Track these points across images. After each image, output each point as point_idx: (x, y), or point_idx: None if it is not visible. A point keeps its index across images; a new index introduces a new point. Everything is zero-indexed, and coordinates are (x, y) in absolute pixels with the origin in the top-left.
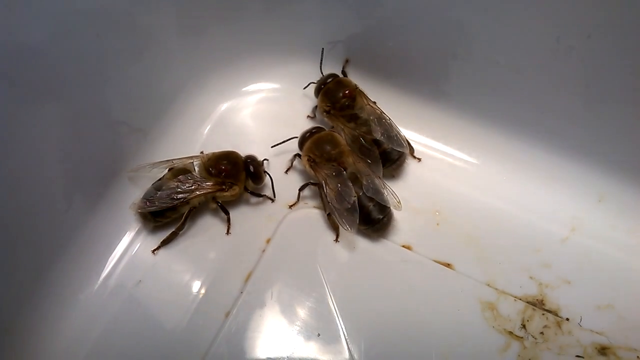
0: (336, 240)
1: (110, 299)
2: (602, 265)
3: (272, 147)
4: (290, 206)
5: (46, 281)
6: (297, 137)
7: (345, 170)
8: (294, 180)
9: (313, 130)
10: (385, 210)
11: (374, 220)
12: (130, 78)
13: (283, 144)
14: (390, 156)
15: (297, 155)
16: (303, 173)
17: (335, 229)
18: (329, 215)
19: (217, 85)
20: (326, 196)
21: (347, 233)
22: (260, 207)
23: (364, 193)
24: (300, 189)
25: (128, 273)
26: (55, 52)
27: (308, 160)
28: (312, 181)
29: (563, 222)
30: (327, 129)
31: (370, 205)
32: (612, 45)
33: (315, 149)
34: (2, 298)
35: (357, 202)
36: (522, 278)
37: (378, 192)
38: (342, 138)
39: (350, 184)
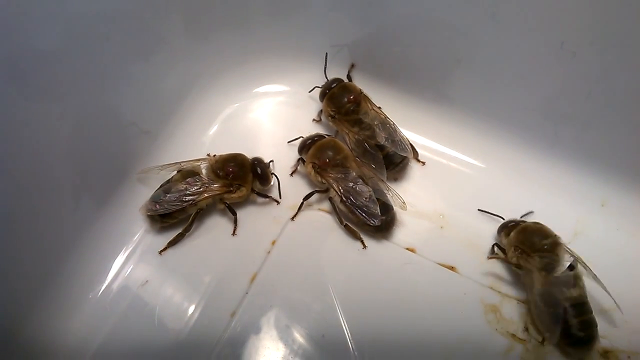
0: (364, 247)
1: (117, 298)
2: (606, 268)
3: (288, 142)
4: (292, 218)
5: (54, 281)
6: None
7: None
8: (301, 182)
9: (315, 138)
10: (388, 210)
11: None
12: (139, 80)
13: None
14: (394, 159)
15: (301, 159)
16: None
17: (357, 237)
18: (346, 225)
19: (224, 87)
20: (338, 208)
21: (352, 236)
22: (266, 209)
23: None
24: (305, 198)
25: (135, 273)
26: (66, 55)
27: (313, 166)
28: (317, 189)
29: (567, 226)
30: (326, 136)
31: None
32: (615, 53)
33: (319, 155)
34: (11, 298)
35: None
36: None
37: (382, 194)
38: (343, 144)
39: (362, 181)
